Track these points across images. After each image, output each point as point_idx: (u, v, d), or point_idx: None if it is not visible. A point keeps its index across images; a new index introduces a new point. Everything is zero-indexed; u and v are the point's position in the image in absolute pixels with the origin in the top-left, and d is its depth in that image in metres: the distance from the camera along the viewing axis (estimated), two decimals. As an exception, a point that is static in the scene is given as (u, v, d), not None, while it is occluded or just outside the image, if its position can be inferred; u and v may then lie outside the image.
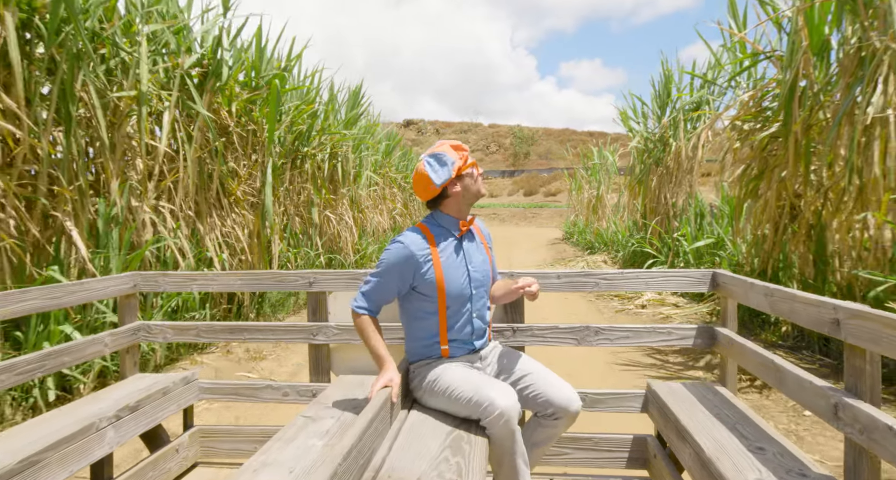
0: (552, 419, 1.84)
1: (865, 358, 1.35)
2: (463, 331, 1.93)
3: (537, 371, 1.92)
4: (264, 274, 2.46)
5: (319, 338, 2.40)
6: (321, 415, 1.92)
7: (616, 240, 11.67)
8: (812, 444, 2.87)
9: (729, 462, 1.49)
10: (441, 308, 1.90)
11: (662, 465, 2.04)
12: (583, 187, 17.77)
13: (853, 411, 1.32)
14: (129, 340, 2.50)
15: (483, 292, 1.98)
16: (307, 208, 7.97)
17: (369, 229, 11.42)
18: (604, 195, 15.40)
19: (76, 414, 1.95)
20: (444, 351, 1.93)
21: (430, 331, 1.94)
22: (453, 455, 1.55)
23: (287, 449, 1.66)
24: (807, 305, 1.56)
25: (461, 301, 1.91)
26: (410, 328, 2.00)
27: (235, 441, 2.50)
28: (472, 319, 1.94)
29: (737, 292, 2.03)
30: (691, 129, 8.54)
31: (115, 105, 4.29)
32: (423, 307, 1.92)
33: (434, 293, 1.88)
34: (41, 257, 3.66)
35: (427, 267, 1.87)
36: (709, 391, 2.11)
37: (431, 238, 1.92)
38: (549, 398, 1.82)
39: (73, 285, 2.25)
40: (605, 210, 15.26)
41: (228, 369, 4.38)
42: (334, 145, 8.59)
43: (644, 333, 2.23)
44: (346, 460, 1.27)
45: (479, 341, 1.98)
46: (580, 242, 15.60)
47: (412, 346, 2.01)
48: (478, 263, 1.98)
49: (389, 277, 1.87)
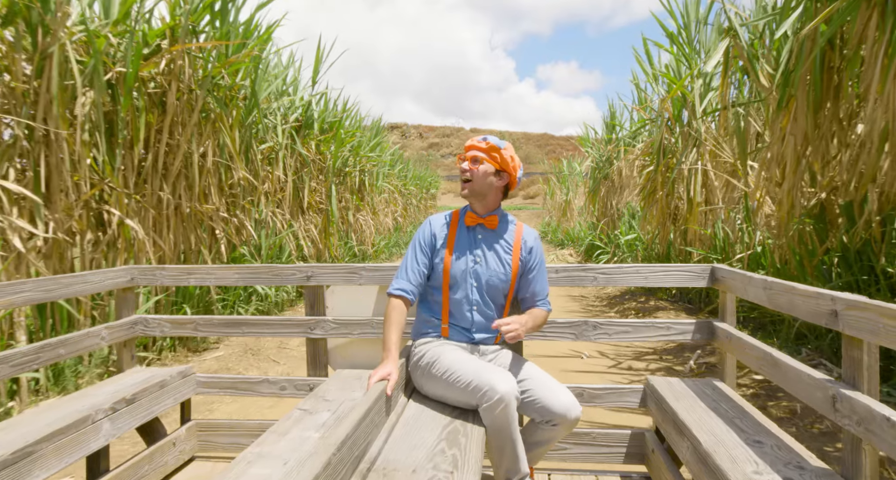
0: (550, 425, 1.82)
1: (863, 349, 1.34)
2: (463, 319, 1.97)
3: (537, 376, 1.89)
4: (261, 268, 2.47)
5: (317, 332, 2.40)
6: (318, 408, 1.91)
7: (579, 237, 14.65)
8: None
9: (726, 455, 1.48)
10: (445, 287, 1.96)
11: (661, 460, 2.03)
12: (556, 193, 20.83)
13: (851, 402, 1.31)
14: (126, 334, 2.48)
15: (487, 291, 1.97)
16: (345, 212, 10.74)
17: (381, 228, 14.24)
18: (571, 200, 18.42)
19: (72, 406, 1.93)
20: (444, 330, 1.97)
21: (435, 309, 2.00)
22: (449, 446, 1.54)
23: (282, 441, 1.64)
24: (805, 297, 1.55)
25: (461, 289, 1.96)
26: (420, 306, 2.07)
27: (233, 434, 2.49)
28: (472, 311, 1.96)
29: (735, 286, 2.02)
30: (629, 152, 11.54)
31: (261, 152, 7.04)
32: (433, 283, 2.00)
33: (441, 271, 1.96)
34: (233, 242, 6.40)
35: (441, 244, 1.98)
36: (707, 386, 2.11)
37: (455, 221, 2.03)
38: (546, 404, 1.79)
39: (69, 277, 2.23)
40: (573, 213, 18.28)
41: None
42: (363, 164, 11.39)
43: (643, 328, 2.22)
44: (339, 450, 1.26)
45: (478, 335, 1.98)
46: (553, 240, 18.60)
47: (417, 325, 2.07)
48: (491, 264, 1.98)
49: (413, 250, 1.99)
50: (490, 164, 1.95)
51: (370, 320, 2.37)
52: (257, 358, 4.81)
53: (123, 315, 2.53)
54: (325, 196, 8.98)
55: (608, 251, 11.12)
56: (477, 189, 1.96)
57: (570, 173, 18.77)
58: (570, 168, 18.88)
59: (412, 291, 1.93)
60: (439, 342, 1.95)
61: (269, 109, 7.09)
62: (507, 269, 1.98)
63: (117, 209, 4.33)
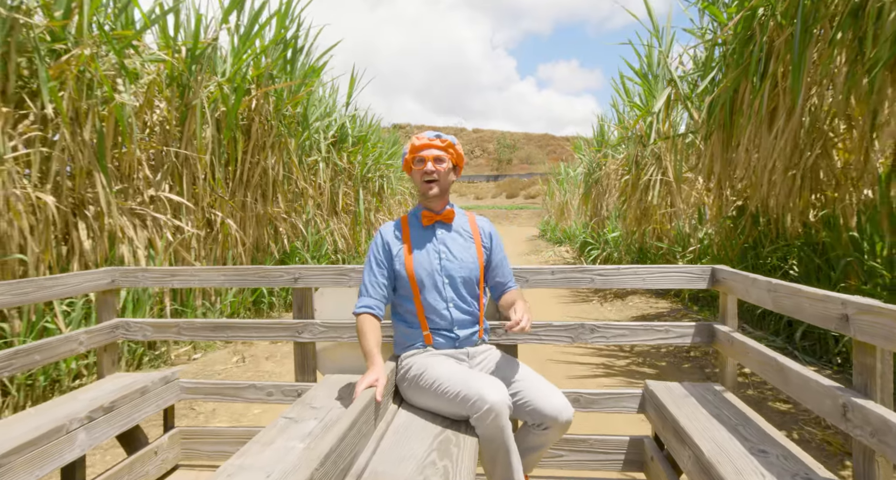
0: (541, 428, 1.78)
1: (876, 356, 1.29)
2: (442, 320, 1.93)
3: (528, 378, 1.85)
4: (248, 269, 2.40)
5: (305, 336, 2.34)
6: (304, 416, 1.84)
7: (574, 235, 16.21)
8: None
9: (730, 466, 1.43)
10: (415, 293, 1.93)
11: (660, 468, 1.97)
12: (555, 194, 22.39)
13: (863, 412, 1.26)
14: (106, 338, 2.42)
15: (460, 284, 1.96)
16: (368, 213, 12.31)
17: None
18: (569, 201, 19.98)
19: (47, 416, 1.88)
20: (428, 337, 1.93)
21: (410, 318, 1.96)
22: (440, 458, 1.49)
23: (265, 452, 1.58)
24: (813, 300, 1.50)
25: (433, 289, 1.93)
26: (395, 318, 2.03)
27: (218, 442, 2.42)
28: (449, 308, 1.93)
29: (737, 288, 1.98)
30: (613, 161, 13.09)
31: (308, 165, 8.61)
32: (401, 293, 1.97)
33: (405, 277, 1.93)
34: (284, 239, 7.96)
35: (398, 251, 1.96)
36: (708, 391, 2.06)
37: (406, 226, 2.01)
38: (537, 407, 1.76)
39: (47, 279, 2.16)
40: (570, 213, 19.83)
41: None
42: (382, 171, 12.97)
43: (641, 331, 2.18)
44: (323, 464, 1.22)
45: (461, 331, 1.95)
46: (552, 238, 20.17)
47: (398, 337, 2.03)
48: (458, 256, 1.97)
49: (369, 264, 1.96)
50: (449, 161, 2.00)
51: None
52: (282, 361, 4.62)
53: (104, 318, 2.47)
54: (354, 199, 10.54)
55: (598, 247, 12.67)
56: (443, 187, 1.99)
57: (566, 176, 20.34)
58: (567, 171, 20.45)
59: (376, 306, 1.91)
60: (426, 353, 1.93)
61: (313, 128, 8.66)
62: (474, 258, 2.00)
63: (220, 212, 5.88)
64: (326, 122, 9.12)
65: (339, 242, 9.58)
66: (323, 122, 8.89)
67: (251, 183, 6.53)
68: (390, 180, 14.68)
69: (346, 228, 10.21)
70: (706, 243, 7.07)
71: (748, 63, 4.43)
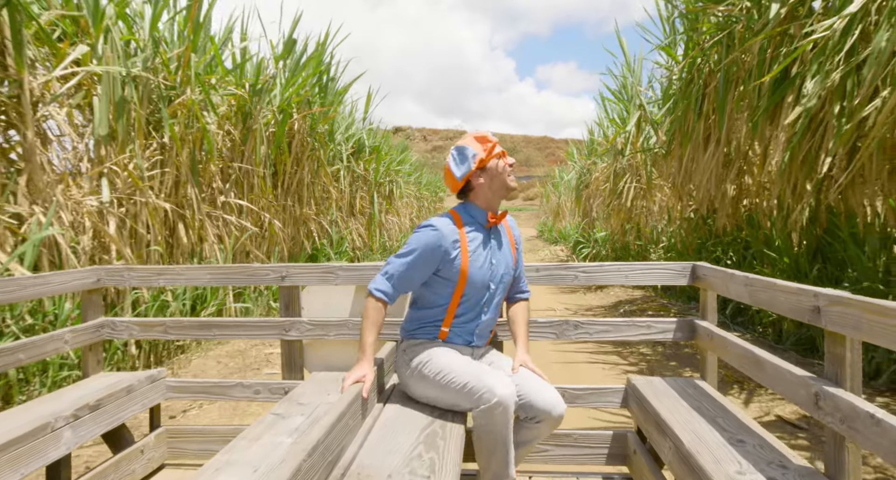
0: (534, 422, 1.81)
1: (846, 346, 1.33)
2: (469, 323, 1.91)
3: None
4: (234, 268, 2.41)
5: (292, 334, 2.35)
6: (291, 412, 1.85)
7: (569, 235, 17.51)
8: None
9: (709, 455, 1.48)
10: (456, 295, 1.87)
11: (642, 461, 2.02)
12: (550, 196, 23.70)
13: (834, 400, 1.30)
14: (91, 337, 2.41)
15: (502, 289, 1.95)
16: (379, 215, 13.61)
17: (402, 227, 17.14)
18: (563, 203, 21.30)
19: (31, 414, 1.88)
20: (443, 333, 1.91)
21: (434, 315, 1.91)
22: (427, 450, 1.52)
23: (253, 447, 1.59)
24: (787, 294, 1.55)
25: (479, 293, 1.89)
26: (415, 307, 1.97)
27: (205, 441, 2.43)
28: (481, 313, 1.92)
29: (717, 284, 2.02)
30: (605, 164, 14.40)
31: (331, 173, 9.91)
32: (438, 290, 1.89)
33: (455, 279, 1.85)
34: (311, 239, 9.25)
35: (455, 253, 1.84)
36: (689, 385, 2.10)
37: (461, 224, 1.89)
38: (531, 400, 1.78)
39: (31, 278, 2.14)
40: (565, 214, 21.14)
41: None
42: (392, 176, 14.27)
43: (624, 327, 2.22)
44: (311, 456, 1.24)
45: (480, 339, 1.96)
46: (549, 238, 21.48)
47: (409, 325, 1.98)
48: (502, 260, 1.93)
49: (418, 261, 1.83)
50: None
51: (346, 321, 2.33)
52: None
53: (89, 317, 2.46)
54: (369, 202, 11.84)
55: (588, 245, 13.98)
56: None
57: (561, 180, 21.69)
58: (561, 176, 21.79)
59: (394, 297, 1.85)
60: (433, 343, 1.90)
61: (336, 141, 9.98)
62: (512, 263, 1.99)
63: (269, 214, 7.16)
64: (347, 135, 10.42)
65: (357, 241, 10.86)
66: (344, 135, 10.18)
67: (290, 189, 7.81)
68: (398, 184, 15.99)
69: (363, 228, 11.49)
70: (672, 241, 8.35)
71: (690, 99, 5.73)
